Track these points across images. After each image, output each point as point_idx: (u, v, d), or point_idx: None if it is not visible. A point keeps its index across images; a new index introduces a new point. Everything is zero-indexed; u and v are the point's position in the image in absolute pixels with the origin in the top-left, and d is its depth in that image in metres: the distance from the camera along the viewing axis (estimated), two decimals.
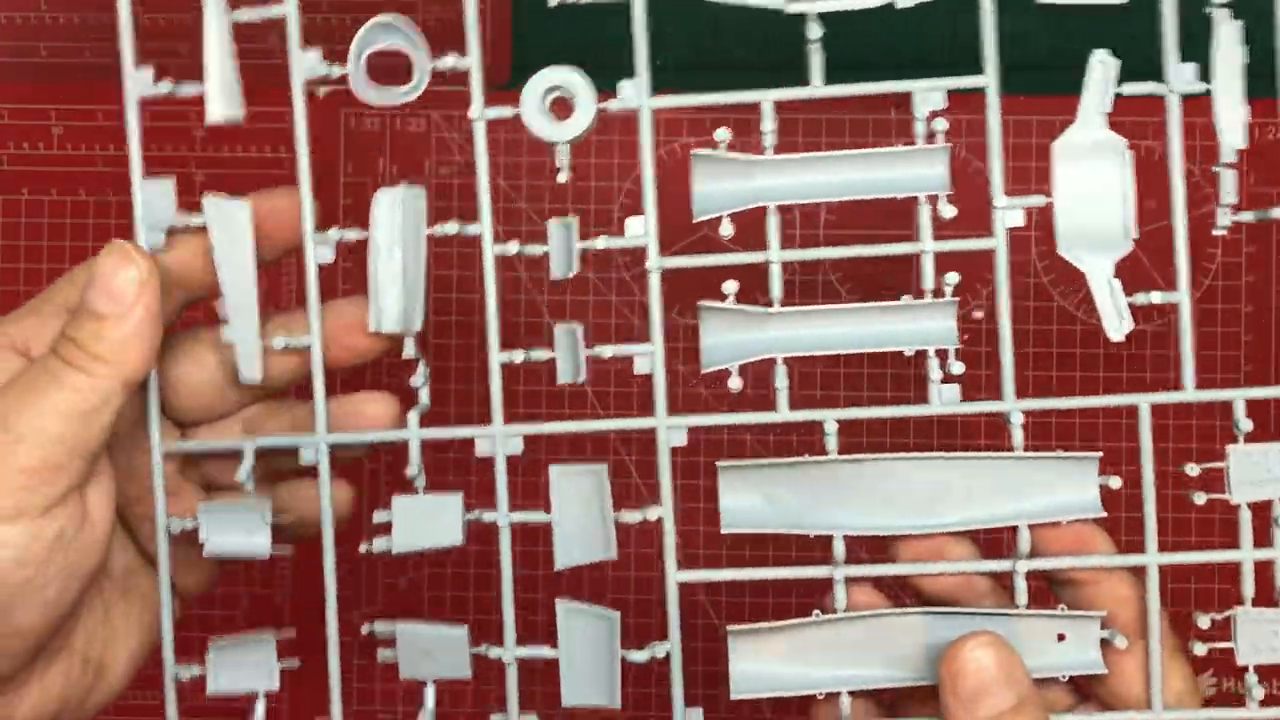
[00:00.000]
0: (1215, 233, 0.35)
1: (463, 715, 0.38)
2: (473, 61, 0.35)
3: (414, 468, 0.36)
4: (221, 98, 0.36)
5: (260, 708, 0.36)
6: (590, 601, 0.36)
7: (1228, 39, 0.34)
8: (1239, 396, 0.34)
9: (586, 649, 0.36)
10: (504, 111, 0.35)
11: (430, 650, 0.36)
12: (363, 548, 0.36)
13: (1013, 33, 0.35)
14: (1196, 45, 0.34)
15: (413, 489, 0.36)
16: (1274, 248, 0.46)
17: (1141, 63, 0.34)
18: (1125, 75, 0.34)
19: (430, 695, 0.36)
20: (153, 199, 0.36)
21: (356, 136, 0.47)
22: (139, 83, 0.36)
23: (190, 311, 0.37)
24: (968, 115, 0.35)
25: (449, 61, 0.35)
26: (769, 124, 0.35)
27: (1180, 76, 0.34)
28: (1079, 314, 0.46)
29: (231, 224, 0.36)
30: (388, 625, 0.36)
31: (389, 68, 0.35)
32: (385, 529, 0.36)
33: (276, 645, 0.36)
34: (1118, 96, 0.34)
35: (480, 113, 0.35)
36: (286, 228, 0.36)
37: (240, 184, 0.35)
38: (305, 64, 0.35)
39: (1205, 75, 0.34)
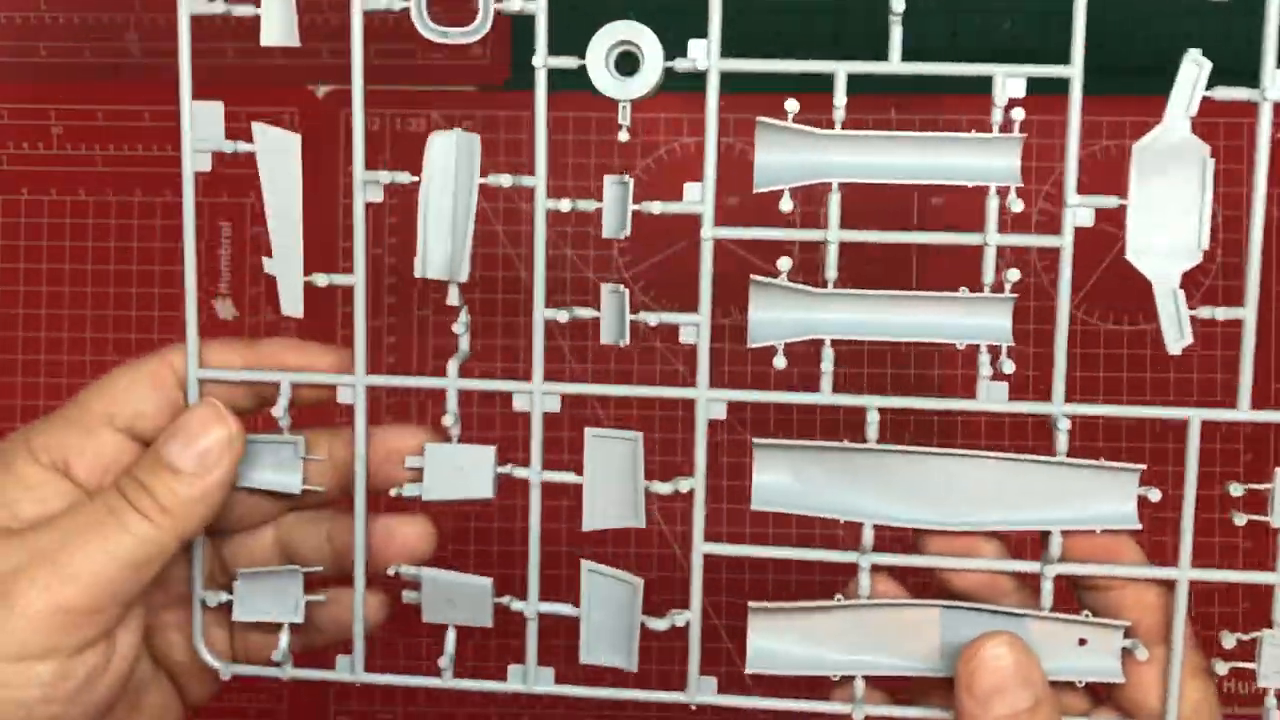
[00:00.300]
0: None
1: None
2: (539, 5, 0.34)
3: (450, 416, 0.36)
4: (278, 20, 0.35)
5: (284, 640, 0.37)
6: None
7: None
8: None
9: (608, 611, 0.36)
10: (567, 62, 0.34)
11: (454, 598, 0.36)
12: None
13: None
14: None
15: None
16: (1274, 254, 0.44)
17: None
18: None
19: (451, 639, 0.37)
20: (201, 121, 0.35)
21: None
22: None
23: None
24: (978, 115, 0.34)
25: (515, 4, 0.34)
26: (840, 98, 0.34)
27: (1277, 84, 0.33)
28: (1079, 314, 0.45)
29: (279, 153, 0.35)
30: (414, 569, 0.36)
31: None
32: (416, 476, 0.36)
33: (302, 578, 0.37)
34: (1205, 99, 0.33)
35: (543, 60, 0.34)
36: None
37: (243, 183, 0.35)
38: None
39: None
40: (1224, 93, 0.33)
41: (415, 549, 0.37)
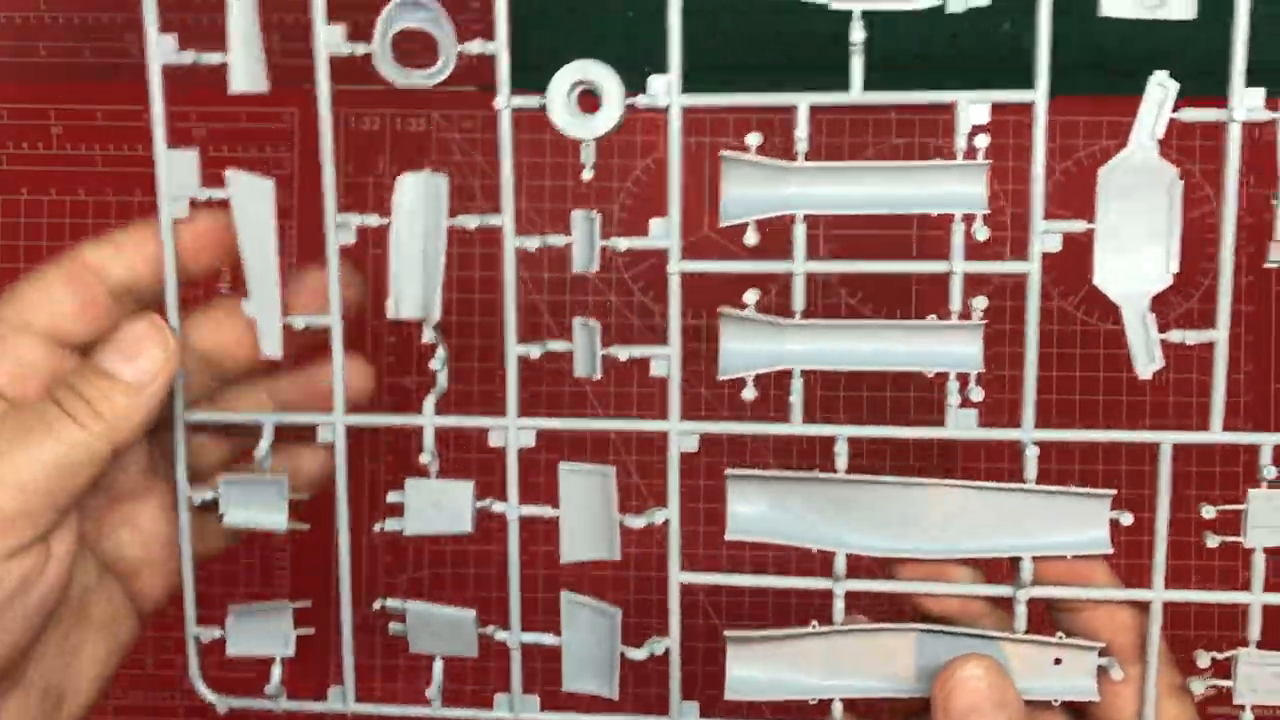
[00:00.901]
0: (1266, 265, 0.34)
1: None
2: (499, 46, 0.34)
3: (427, 454, 0.36)
4: (245, 69, 0.35)
5: (276, 673, 0.38)
6: (596, 595, 0.36)
7: None
8: (1268, 441, 0.33)
9: (588, 640, 0.36)
10: (529, 101, 0.34)
11: (439, 630, 0.37)
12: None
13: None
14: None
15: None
16: (1274, 278, 0.44)
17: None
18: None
19: (438, 669, 0.37)
20: (177, 169, 0.35)
21: (356, 136, 0.46)
22: (163, 49, 0.35)
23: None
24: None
25: (475, 46, 0.34)
26: (803, 129, 0.34)
27: (1245, 103, 0.32)
28: (1079, 314, 0.44)
29: (254, 199, 0.35)
30: (399, 602, 0.37)
31: (415, 51, 0.34)
32: (397, 510, 0.36)
33: (293, 614, 0.37)
34: (1173, 120, 0.33)
35: (506, 102, 0.34)
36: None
37: None
38: (329, 39, 0.35)
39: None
40: (1192, 114, 0.33)
41: (358, 391, 0.37)
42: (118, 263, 0.35)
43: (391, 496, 0.36)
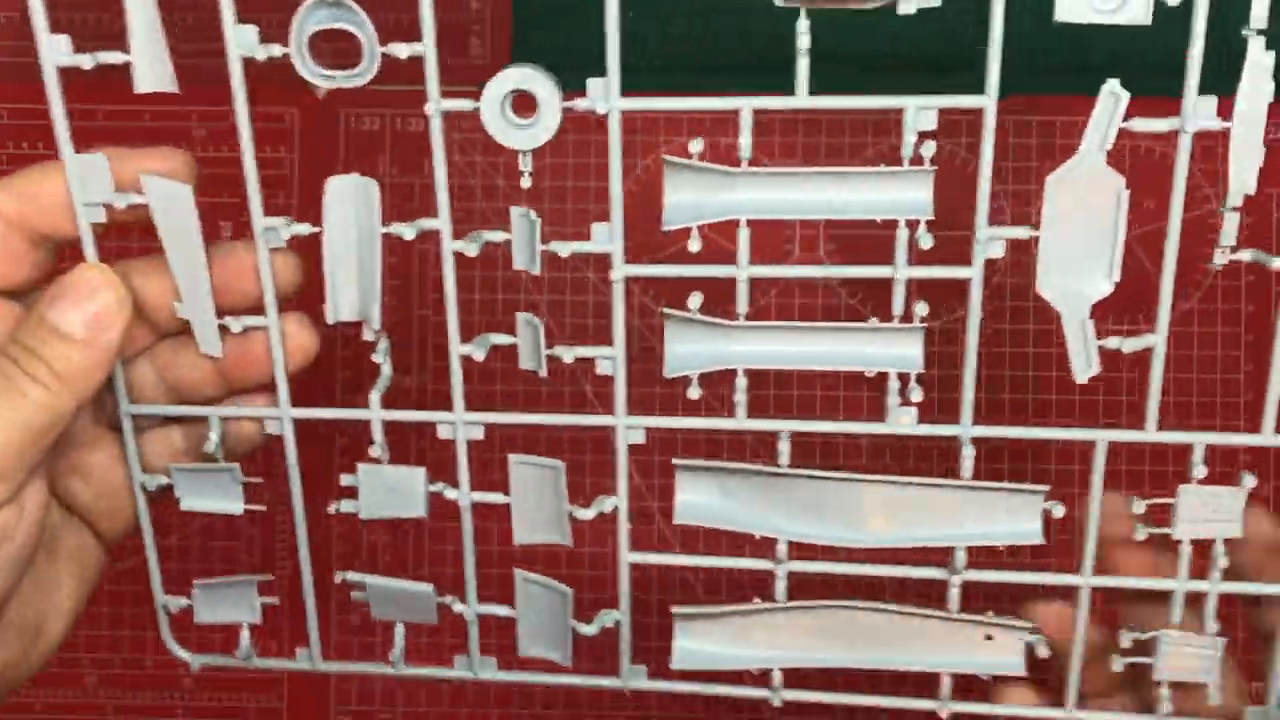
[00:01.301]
0: (1211, 266, 0.33)
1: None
2: (427, 48, 0.32)
3: (377, 448, 0.36)
4: (148, 67, 0.33)
5: (245, 637, 0.39)
6: (553, 574, 0.38)
7: (1256, 73, 0.31)
8: (1199, 441, 0.34)
9: (542, 614, 0.38)
10: (461, 105, 0.33)
11: (399, 601, 0.38)
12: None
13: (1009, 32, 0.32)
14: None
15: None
16: (1274, 278, 0.43)
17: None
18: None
19: (400, 634, 0.39)
20: (87, 175, 0.34)
21: (356, 136, 0.44)
22: (54, 50, 0.33)
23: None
24: (961, 115, 0.32)
25: (402, 49, 0.32)
26: (746, 135, 0.32)
27: (1198, 112, 0.31)
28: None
29: (172, 202, 0.34)
30: (358, 575, 0.38)
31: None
32: (352, 492, 0.37)
33: (256, 585, 0.39)
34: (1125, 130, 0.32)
35: (436, 106, 0.33)
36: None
37: (240, 184, 0.34)
38: (242, 40, 0.32)
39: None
40: (1142, 124, 0.31)
41: (305, 349, 0.36)
42: (30, 207, 0.34)
43: (345, 480, 0.37)
